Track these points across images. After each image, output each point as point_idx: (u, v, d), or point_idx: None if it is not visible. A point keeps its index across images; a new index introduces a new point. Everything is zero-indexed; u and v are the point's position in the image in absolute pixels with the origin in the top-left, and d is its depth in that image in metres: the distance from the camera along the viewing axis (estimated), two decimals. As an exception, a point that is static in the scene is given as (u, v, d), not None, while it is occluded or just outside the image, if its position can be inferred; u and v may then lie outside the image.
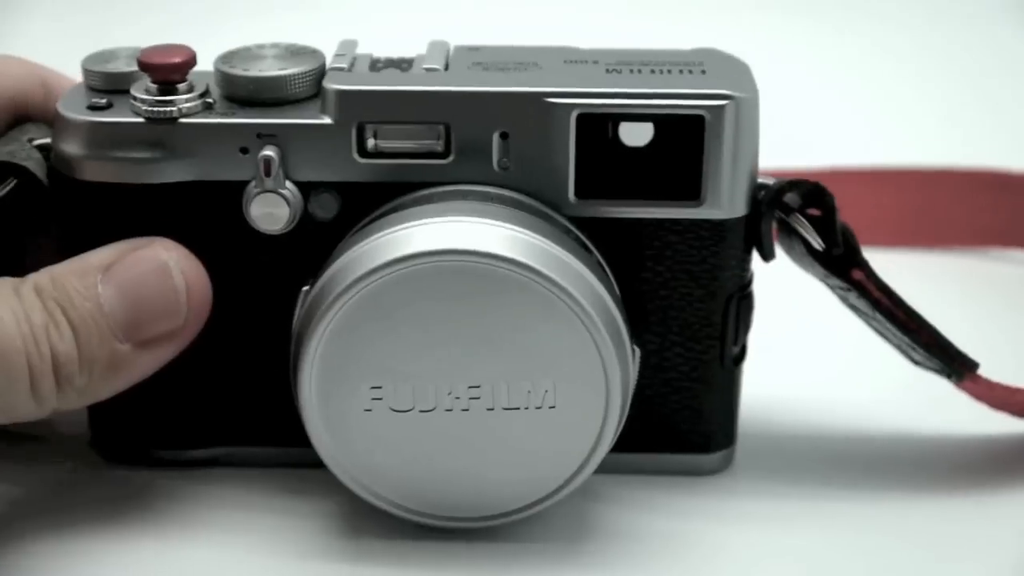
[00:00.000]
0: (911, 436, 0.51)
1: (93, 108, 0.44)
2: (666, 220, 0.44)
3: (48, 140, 0.45)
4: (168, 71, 0.44)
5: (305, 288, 0.43)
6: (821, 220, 0.45)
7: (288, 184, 0.44)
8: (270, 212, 0.44)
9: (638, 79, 0.44)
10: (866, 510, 0.47)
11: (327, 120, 0.44)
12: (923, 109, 0.83)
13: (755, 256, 0.46)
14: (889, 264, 0.61)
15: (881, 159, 0.64)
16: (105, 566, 0.44)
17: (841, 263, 0.45)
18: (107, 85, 0.45)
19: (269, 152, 0.43)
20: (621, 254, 0.45)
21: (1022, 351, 0.56)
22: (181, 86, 0.44)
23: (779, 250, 0.47)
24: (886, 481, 0.49)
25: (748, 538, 0.46)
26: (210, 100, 0.44)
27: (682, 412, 0.47)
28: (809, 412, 0.52)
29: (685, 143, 0.44)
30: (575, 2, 1.00)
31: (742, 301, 0.46)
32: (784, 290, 0.51)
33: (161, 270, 0.43)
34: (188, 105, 0.44)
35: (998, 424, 0.50)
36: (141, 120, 0.44)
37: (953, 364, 0.46)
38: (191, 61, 0.44)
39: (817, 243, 0.45)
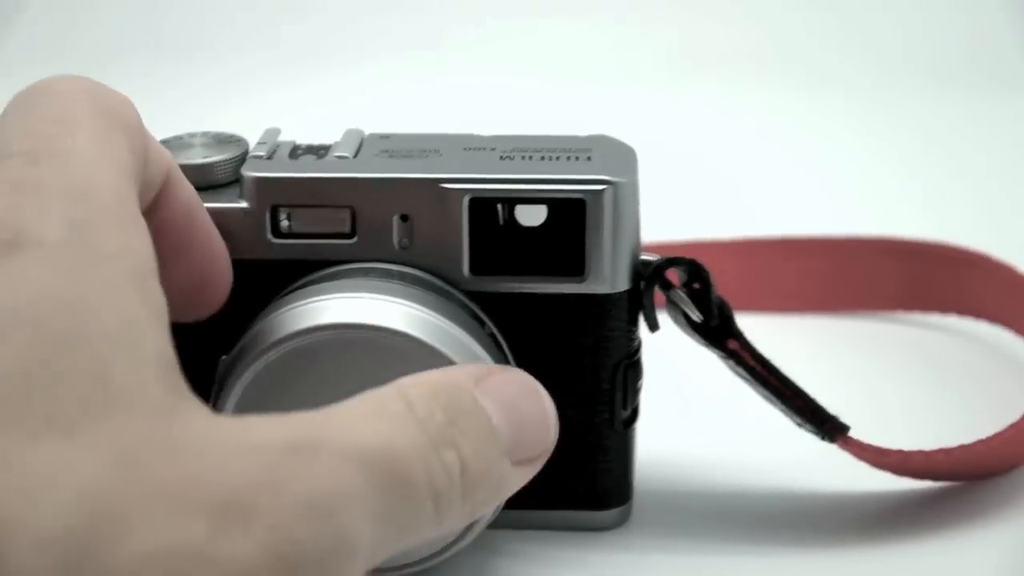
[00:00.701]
0: (800, 493, 0.54)
1: None
2: (553, 295, 0.48)
3: None
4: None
5: (223, 357, 0.48)
6: (698, 294, 0.49)
7: None
8: (193, 288, 0.48)
9: (527, 165, 0.48)
10: (758, 565, 0.51)
11: (244, 204, 0.48)
12: (831, 180, 0.88)
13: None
14: (799, 329, 0.65)
15: (791, 229, 0.68)
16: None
17: (717, 334, 0.49)
18: None
19: None
20: (514, 326, 0.49)
21: (916, 411, 0.59)
22: None
23: (670, 320, 0.51)
24: (778, 537, 0.52)
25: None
26: None
27: (578, 472, 0.51)
28: (704, 469, 0.56)
29: (572, 224, 0.48)
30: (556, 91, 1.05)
31: (630, 368, 0.50)
32: (680, 354, 0.54)
33: (535, 393, 0.43)
34: None
35: (883, 481, 0.53)
36: None
37: (824, 427, 0.49)
38: None
39: (695, 315, 0.49)
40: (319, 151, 0.50)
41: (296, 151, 0.50)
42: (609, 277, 0.48)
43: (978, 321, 0.64)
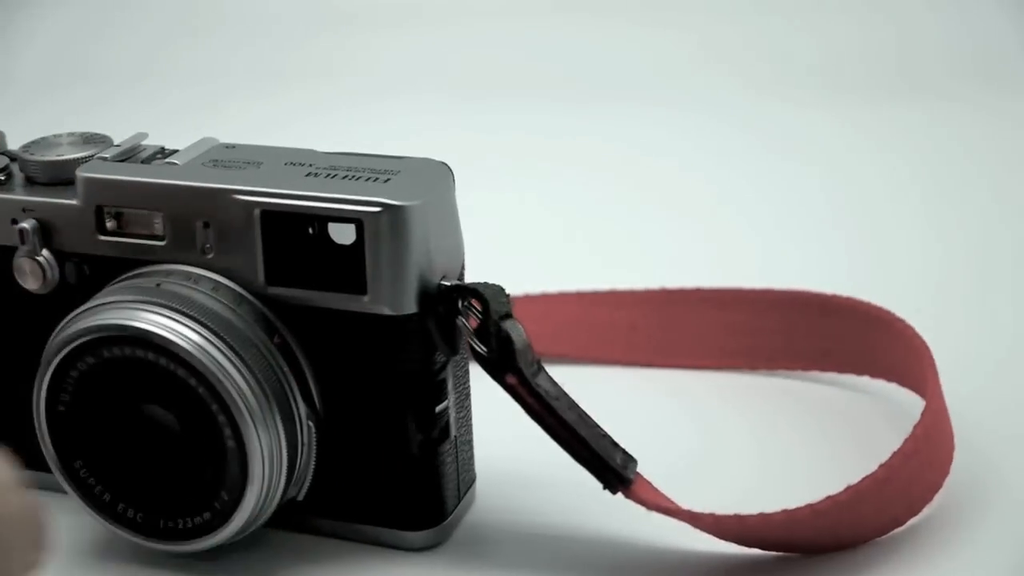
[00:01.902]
0: (629, 541, 0.52)
1: None
2: (340, 311, 0.49)
3: None
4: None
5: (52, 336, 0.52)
6: (481, 324, 0.48)
7: (45, 252, 0.52)
8: (27, 274, 0.52)
9: (324, 183, 0.49)
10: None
11: (75, 202, 0.52)
12: (746, 231, 0.83)
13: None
14: (702, 383, 0.63)
15: (705, 280, 0.65)
16: None
17: (496, 367, 0.48)
18: None
19: (25, 224, 0.52)
20: (309, 338, 0.50)
21: (814, 470, 0.56)
22: None
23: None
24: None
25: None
26: (2, 178, 0.53)
27: (380, 490, 0.52)
28: (543, 501, 0.55)
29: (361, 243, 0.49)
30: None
31: (428, 390, 0.50)
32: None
33: None
34: None
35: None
36: None
37: (605, 477, 0.48)
38: None
39: (478, 346, 0.49)
40: (157, 155, 0.53)
41: (155, 156, 0.53)
42: (390, 298, 0.48)
43: (889, 383, 0.59)
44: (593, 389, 0.53)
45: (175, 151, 0.53)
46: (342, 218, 0.48)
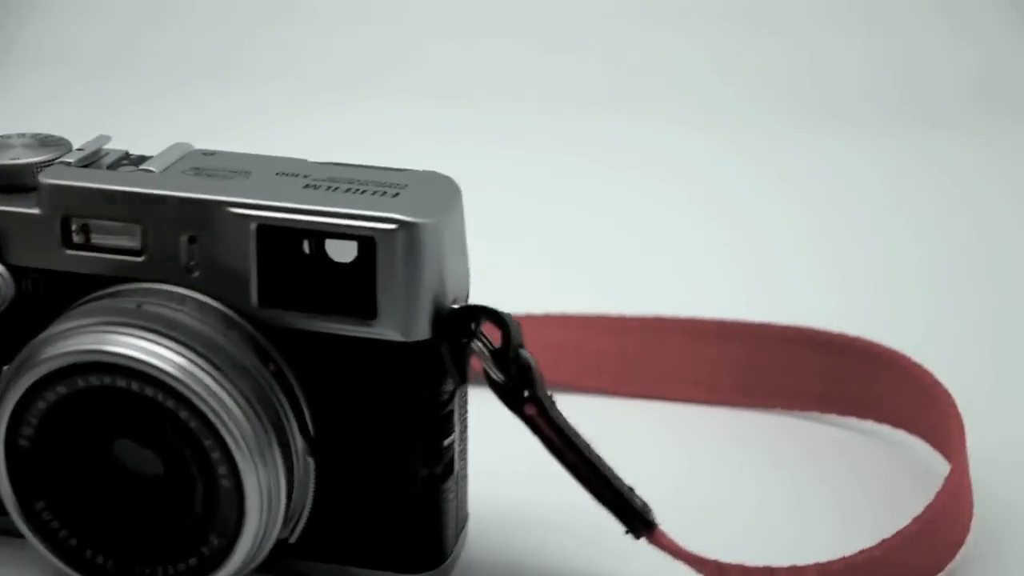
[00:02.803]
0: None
1: None
2: (345, 336, 0.45)
3: None
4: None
5: (5, 367, 0.46)
6: (500, 350, 0.45)
7: (1, 267, 0.46)
8: (-16, 290, 0.47)
9: (326, 197, 0.45)
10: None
11: (36, 211, 0.46)
12: (747, 262, 0.80)
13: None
14: (702, 419, 0.59)
15: (703, 311, 0.62)
16: None
17: (514, 396, 0.45)
18: None
19: None
20: (306, 365, 0.45)
21: (804, 519, 0.53)
22: None
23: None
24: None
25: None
26: None
27: (378, 529, 0.47)
28: (536, 537, 0.51)
29: (371, 263, 0.44)
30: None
31: (435, 422, 0.46)
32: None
33: None
34: None
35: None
36: None
37: (630, 521, 0.45)
38: None
39: (494, 373, 0.45)
40: (139, 163, 0.48)
41: (121, 161, 0.48)
42: (402, 323, 0.44)
43: (896, 430, 0.57)
44: (580, 420, 0.50)
45: (144, 157, 0.48)
46: (351, 236, 0.44)
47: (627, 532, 0.45)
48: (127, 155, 0.49)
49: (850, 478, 0.55)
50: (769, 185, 0.90)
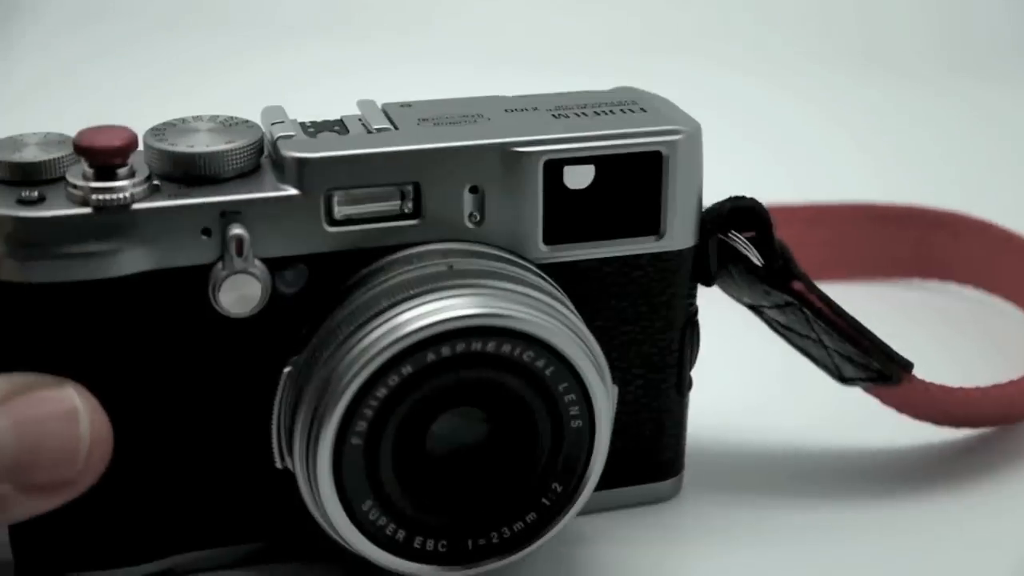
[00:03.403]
0: (837, 449, 0.53)
1: (24, 203, 0.40)
2: (629, 256, 0.45)
3: None
4: (111, 155, 0.40)
5: (288, 369, 0.41)
6: (758, 237, 0.47)
7: (257, 262, 0.41)
8: (242, 295, 0.41)
9: (588, 122, 0.44)
10: (811, 521, 0.49)
11: (292, 191, 0.41)
12: (826, 148, 0.87)
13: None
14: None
15: (785, 196, 0.66)
16: None
17: (781, 277, 0.47)
18: (19, 176, 0.41)
19: (239, 231, 0.41)
20: (587, 294, 0.45)
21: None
22: (122, 170, 0.40)
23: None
24: (824, 495, 0.51)
25: (706, 558, 0.48)
26: (156, 182, 0.41)
27: (643, 443, 0.48)
28: (742, 434, 0.54)
29: (630, 180, 0.44)
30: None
31: (693, 328, 0.47)
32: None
33: (69, 416, 0.39)
34: (138, 189, 0.40)
35: (917, 435, 0.53)
36: (89, 210, 0.40)
37: (892, 366, 0.48)
38: (134, 142, 0.41)
39: (756, 259, 0.47)
40: (335, 127, 0.44)
41: (308, 128, 0.44)
42: (681, 232, 0.45)
43: (963, 286, 0.66)
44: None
45: (336, 121, 0.44)
46: (640, 154, 0.44)
47: (888, 380, 0.49)
48: (306, 123, 0.44)
49: (949, 332, 0.63)
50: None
